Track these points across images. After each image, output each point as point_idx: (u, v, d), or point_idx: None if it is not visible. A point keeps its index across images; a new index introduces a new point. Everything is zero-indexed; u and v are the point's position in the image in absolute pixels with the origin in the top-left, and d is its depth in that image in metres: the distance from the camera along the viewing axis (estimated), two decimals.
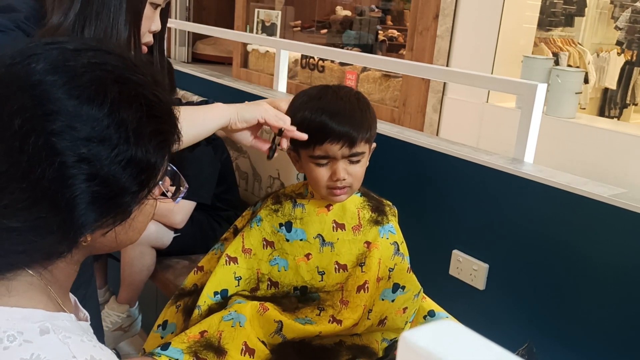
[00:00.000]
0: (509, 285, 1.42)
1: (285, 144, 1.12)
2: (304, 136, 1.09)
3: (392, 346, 1.15)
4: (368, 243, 1.14)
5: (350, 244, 1.14)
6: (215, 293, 1.13)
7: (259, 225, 1.16)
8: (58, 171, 0.55)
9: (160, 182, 0.66)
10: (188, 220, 1.88)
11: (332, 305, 1.10)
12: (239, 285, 1.15)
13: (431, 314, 1.25)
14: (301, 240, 1.14)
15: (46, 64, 0.57)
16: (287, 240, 1.14)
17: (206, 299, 1.12)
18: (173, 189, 0.70)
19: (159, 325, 1.18)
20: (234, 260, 1.14)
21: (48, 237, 0.58)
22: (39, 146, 0.54)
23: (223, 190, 2.02)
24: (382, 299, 1.14)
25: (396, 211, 1.25)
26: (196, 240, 1.94)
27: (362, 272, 1.11)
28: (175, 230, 1.90)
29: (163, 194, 0.69)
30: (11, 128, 0.54)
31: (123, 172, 0.59)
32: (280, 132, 1.11)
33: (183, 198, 1.87)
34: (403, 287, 1.16)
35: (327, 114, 1.09)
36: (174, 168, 0.69)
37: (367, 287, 1.10)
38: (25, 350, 0.54)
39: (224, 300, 1.13)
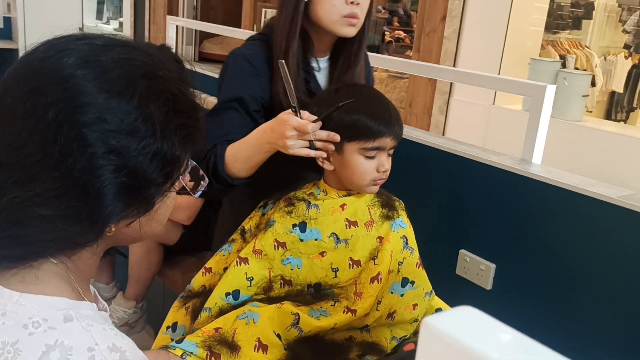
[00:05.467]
0: (515, 285, 1.42)
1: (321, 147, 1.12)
2: (336, 137, 1.11)
3: (401, 344, 1.16)
4: (380, 238, 1.16)
5: (364, 240, 1.15)
6: (227, 294, 1.12)
7: (271, 228, 1.16)
8: (88, 161, 0.57)
9: (181, 177, 0.68)
10: (196, 217, 1.89)
11: (347, 297, 1.12)
12: (251, 285, 1.14)
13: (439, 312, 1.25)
14: (316, 240, 1.14)
15: (77, 59, 0.59)
16: (301, 240, 1.14)
17: (217, 300, 1.12)
18: (192, 183, 0.71)
19: (168, 327, 1.18)
20: (245, 260, 1.14)
21: (77, 225, 0.59)
22: (71, 137, 0.56)
23: None
24: (391, 292, 1.15)
25: (404, 205, 1.27)
26: (204, 237, 1.96)
27: (374, 264, 1.13)
28: (183, 227, 1.91)
29: (183, 188, 0.71)
30: (45, 119, 0.56)
31: (150, 164, 0.61)
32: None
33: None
34: (412, 282, 1.17)
35: (384, 108, 1.14)
36: (194, 163, 0.71)
37: (380, 278, 1.11)
38: (50, 337, 0.56)
39: (236, 302, 1.13)
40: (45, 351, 0.55)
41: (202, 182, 0.73)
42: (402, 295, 1.16)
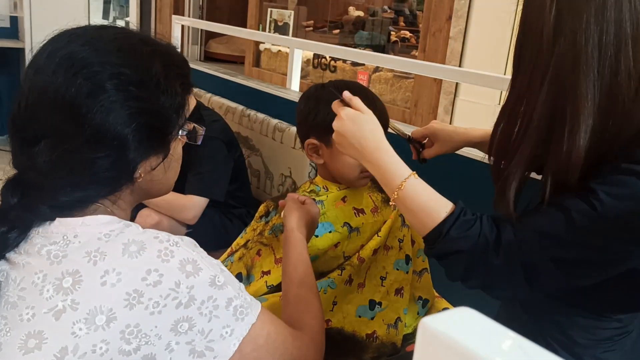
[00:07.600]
0: None
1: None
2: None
3: (403, 344, 1.16)
4: (385, 222, 1.22)
5: (372, 225, 1.20)
6: None
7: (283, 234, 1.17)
8: (117, 107, 0.71)
9: (182, 131, 0.83)
10: (200, 216, 1.90)
11: (351, 264, 1.16)
12: (269, 290, 1.18)
13: None
14: (330, 232, 1.16)
15: (82, 39, 0.73)
16: (316, 236, 1.15)
17: None
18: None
19: None
20: (267, 272, 1.17)
21: (116, 166, 0.73)
22: (100, 90, 0.71)
23: (236, 188, 2.04)
24: (397, 269, 1.20)
25: None
26: (208, 236, 1.96)
27: (378, 236, 1.19)
28: (188, 227, 1.92)
29: (187, 139, 0.86)
30: (75, 85, 0.71)
31: (162, 107, 0.76)
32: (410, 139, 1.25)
33: (197, 195, 1.86)
34: (409, 261, 1.23)
35: (369, 101, 1.14)
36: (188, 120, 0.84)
37: (378, 250, 1.18)
38: (122, 238, 0.71)
39: None
40: (124, 248, 0.69)
41: (199, 131, 0.88)
42: (407, 272, 1.21)
